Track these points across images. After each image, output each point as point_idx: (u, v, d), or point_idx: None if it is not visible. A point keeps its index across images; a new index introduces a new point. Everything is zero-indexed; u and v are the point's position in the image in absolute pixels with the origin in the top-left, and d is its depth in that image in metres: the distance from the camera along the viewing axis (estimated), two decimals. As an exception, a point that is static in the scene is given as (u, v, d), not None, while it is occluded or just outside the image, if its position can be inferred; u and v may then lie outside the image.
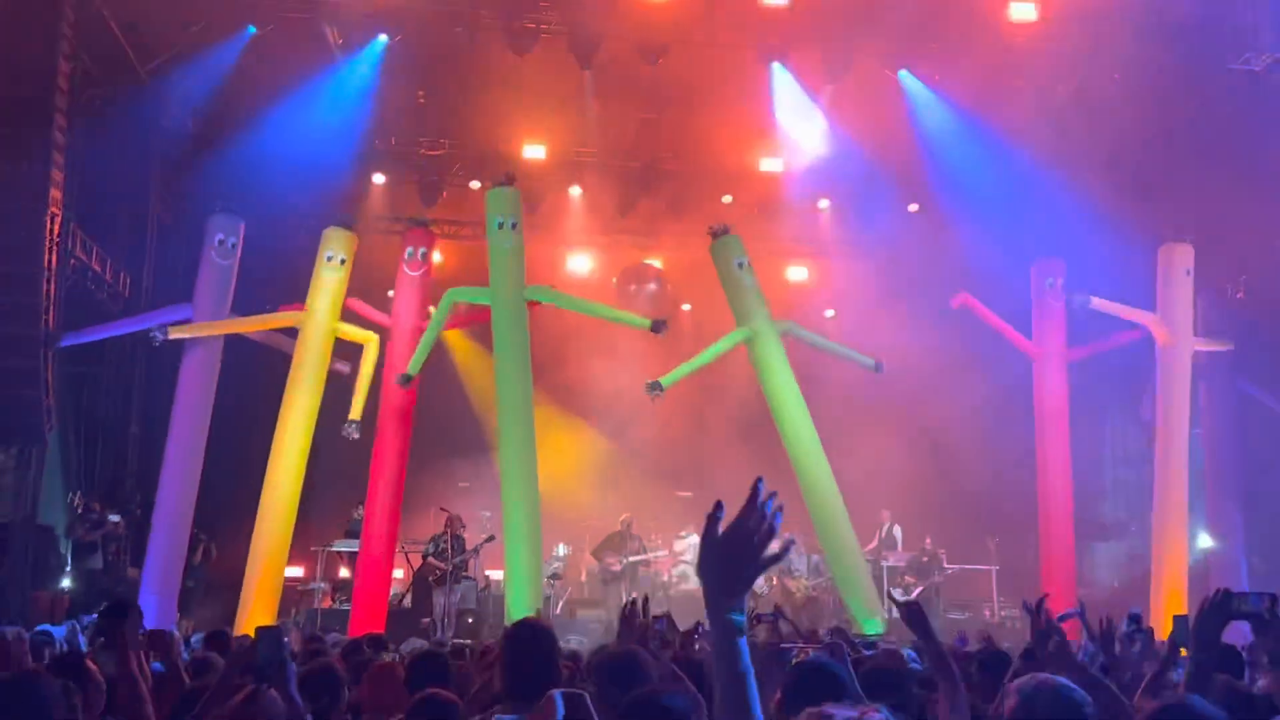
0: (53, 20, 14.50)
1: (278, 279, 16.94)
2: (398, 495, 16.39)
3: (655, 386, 16.02)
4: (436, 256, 21.47)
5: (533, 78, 17.58)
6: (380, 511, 16.15)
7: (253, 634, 7.00)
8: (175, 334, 15.90)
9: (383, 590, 16.16)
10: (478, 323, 17.18)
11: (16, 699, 3.51)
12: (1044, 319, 17.39)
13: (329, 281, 16.30)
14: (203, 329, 16.19)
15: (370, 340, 16.66)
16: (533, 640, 4.40)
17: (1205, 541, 17.46)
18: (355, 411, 16.44)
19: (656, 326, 16.09)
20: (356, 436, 16.39)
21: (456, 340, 20.11)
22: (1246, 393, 17.24)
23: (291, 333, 16.60)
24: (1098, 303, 16.61)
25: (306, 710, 3.75)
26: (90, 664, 4.76)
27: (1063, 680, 3.20)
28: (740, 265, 16.76)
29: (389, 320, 16.97)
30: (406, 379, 15.92)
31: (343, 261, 16.34)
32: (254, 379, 17.05)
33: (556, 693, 3.22)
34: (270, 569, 15.43)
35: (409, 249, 17.10)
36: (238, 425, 16.98)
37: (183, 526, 15.90)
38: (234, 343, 16.70)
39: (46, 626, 9.19)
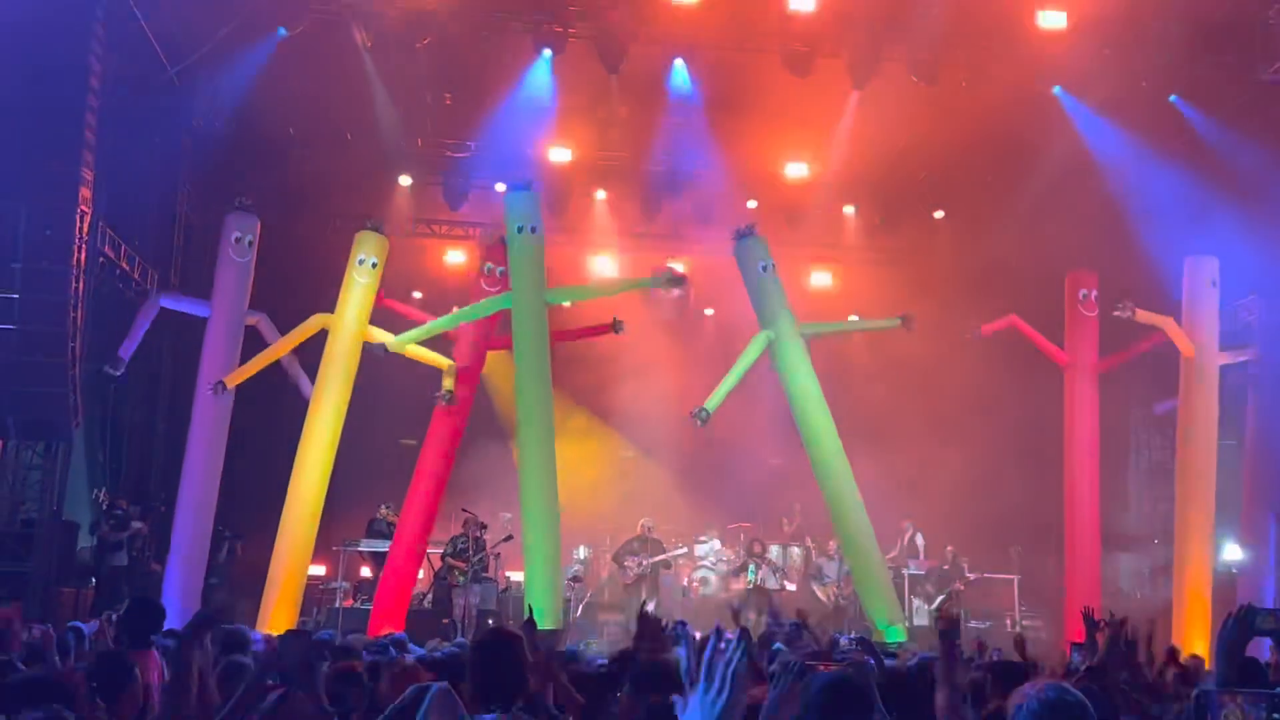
0: (84, 20, 14.61)
1: (306, 279, 17.02)
2: (436, 499, 16.40)
3: (702, 413, 15.79)
4: (460, 257, 21.68)
5: (559, 81, 17.64)
6: (416, 512, 16.15)
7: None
8: (232, 383, 15.86)
9: (406, 591, 16.19)
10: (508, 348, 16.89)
11: (45, 698, 3.54)
12: (1077, 330, 17.25)
13: (360, 285, 16.30)
14: (249, 369, 16.09)
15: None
16: (500, 648, 4.46)
17: (1233, 553, 17.33)
18: (449, 383, 16.14)
19: (673, 281, 15.74)
20: (453, 402, 16.09)
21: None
22: None
23: (311, 372, 16.52)
24: (1142, 315, 16.45)
25: (334, 713, 3.78)
26: (133, 661, 4.82)
27: (1062, 685, 3.31)
28: (764, 268, 16.67)
29: (453, 333, 16.82)
30: (381, 348, 15.77)
31: (374, 265, 16.32)
32: (282, 375, 17.09)
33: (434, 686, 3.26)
34: (293, 568, 15.51)
35: (488, 265, 16.59)
36: (266, 423, 17.06)
37: (204, 524, 15.93)
38: (259, 343, 16.70)
39: (77, 623, 9.27)
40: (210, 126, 17.80)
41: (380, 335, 16.19)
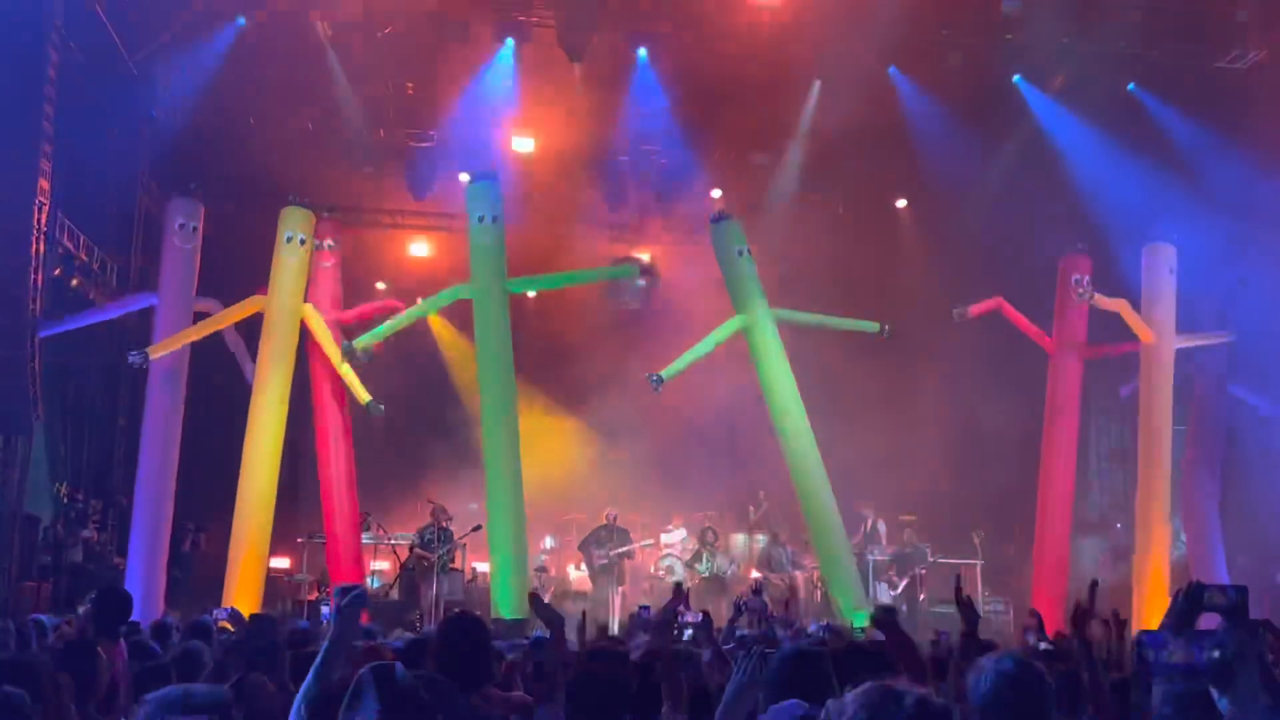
0: (42, 9, 14.44)
1: (266, 270, 16.89)
2: (352, 485, 16.39)
3: (656, 380, 15.87)
4: (424, 248, 21.65)
5: (522, 70, 17.61)
6: (340, 503, 16.16)
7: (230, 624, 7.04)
8: (156, 354, 15.67)
9: (357, 580, 16.18)
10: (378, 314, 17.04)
11: (15, 679, 3.60)
12: (1067, 315, 17.36)
13: (290, 262, 16.10)
14: (175, 342, 15.79)
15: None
16: (466, 632, 4.47)
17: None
18: (361, 396, 16.20)
19: (645, 271, 15.92)
20: (381, 410, 16.21)
21: (441, 329, 20.14)
22: (1236, 394, 17.22)
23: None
24: (1101, 299, 16.62)
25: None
26: (100, 650, 4.86)
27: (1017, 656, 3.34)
28: (740, 253, 16.77)
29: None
30: (351, 349, 15.70)
31: (303, 241, 16.10)
32: (235, 365, 16.99)
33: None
34: (251, 559, 15.34)
35: (327, 242, 16.98)
36: (224, 413, 16.96)
37: (163, 516, 15.74)
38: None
39: (39, 616, 9.25)
40: (170, 116, 17.66)
41: (314, 316, 16.22)
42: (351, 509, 16.42)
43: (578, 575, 18.42)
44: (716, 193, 20.46)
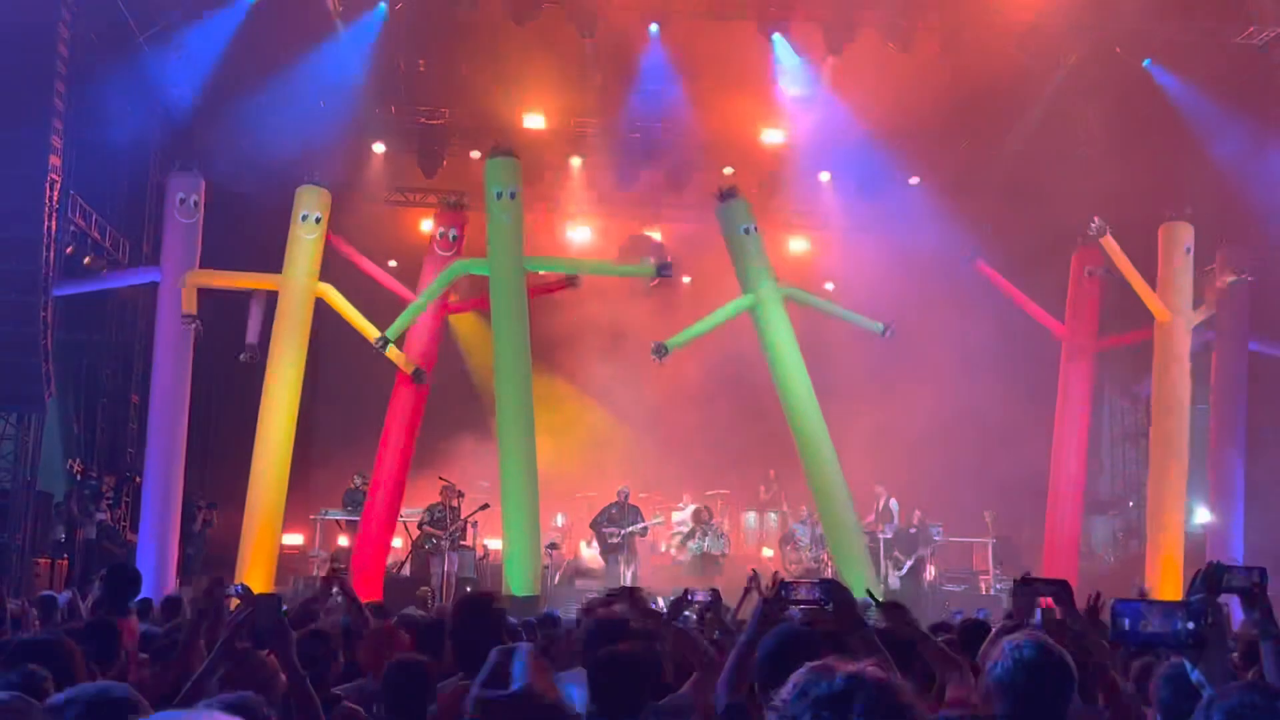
0: (52, -15, 14.42)
1: (277, 247, 16.89)
2: (404, 468, 16.43)
3: (661, 349, 15.88)
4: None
5: (534, 47, 17.53)
6: (385, 482, 16.19)
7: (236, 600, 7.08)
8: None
9: (381, 559, 16.24)
10: (479, 309, 17.03)
11: (41, 657, 3.63)
12: (1079, 305, 17.34)
13: (305, 241, 16.12)
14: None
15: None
16: (480, 612, 4.45)
17: (1203, 516, 17.47)
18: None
19: (662, 270, 15.95)
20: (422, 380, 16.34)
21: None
22: (1258, 357, 17.09)
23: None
24: (1109, 242, 16.50)
25: (305, 675, 3.80)
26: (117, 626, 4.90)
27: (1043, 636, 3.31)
28: (746, 230, 16.69)
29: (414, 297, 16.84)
30: (385, 342, 15.63)
31: (318, 220, 16.14)
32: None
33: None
34: (264, 535, 15.41)
35: (441, 230, 16.99)
36: (234, 391, 16.99)
37: (173, 493, 15.78)
38: (222, 307, 16.57)
39: (49, 593, 9.27)
40: (181, 93, 17.62)
41: (332, 294, 16.18)
42: (397, 488, 16.45)
43: (589, 553, 18.43)
44: (728, 170, 20.38)
